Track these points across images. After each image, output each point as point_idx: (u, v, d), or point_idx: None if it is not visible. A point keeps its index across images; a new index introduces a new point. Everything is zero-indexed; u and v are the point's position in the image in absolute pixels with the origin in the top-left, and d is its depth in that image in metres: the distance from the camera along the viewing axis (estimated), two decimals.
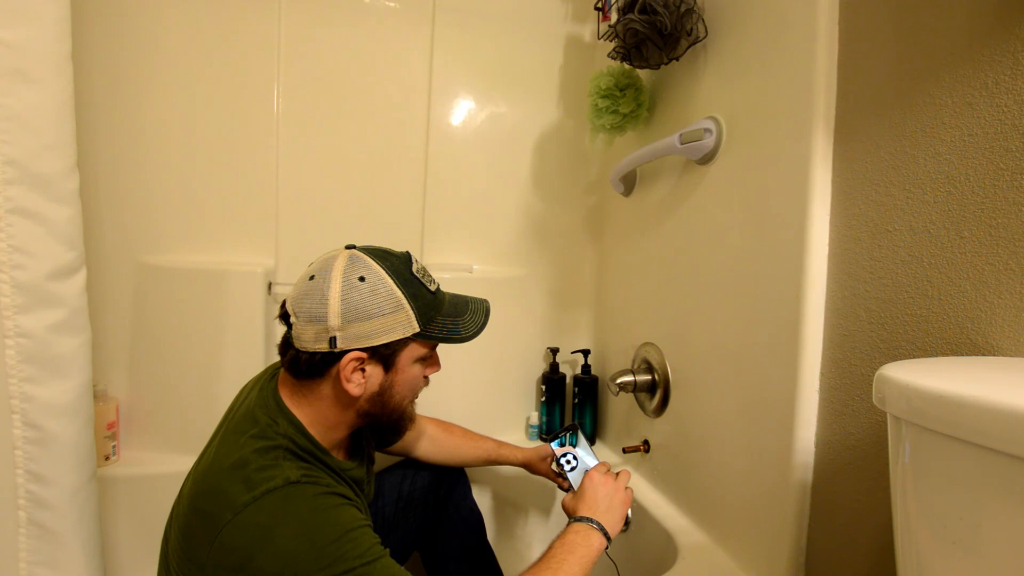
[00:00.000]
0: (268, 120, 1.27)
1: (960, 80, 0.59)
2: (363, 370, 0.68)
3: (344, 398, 0.69)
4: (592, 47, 1.45)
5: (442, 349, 0.77)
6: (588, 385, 1.43)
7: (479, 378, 1.40)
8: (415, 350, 0.72)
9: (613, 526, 0.76)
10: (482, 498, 1.27)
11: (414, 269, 0.72)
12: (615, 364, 1.37)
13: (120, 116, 1.18)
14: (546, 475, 1.08)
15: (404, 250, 0.75)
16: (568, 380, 1.47)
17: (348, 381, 0.67)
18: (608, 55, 1.13)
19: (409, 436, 1.02)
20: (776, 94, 0.82)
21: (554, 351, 1.44)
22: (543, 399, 1.42)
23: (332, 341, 0.66)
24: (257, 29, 1.25)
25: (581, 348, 1.44)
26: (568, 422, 1.46)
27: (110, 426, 1.16)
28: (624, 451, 1.22)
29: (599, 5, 1.21)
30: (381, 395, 0.71)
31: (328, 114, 1.31)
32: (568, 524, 0.77)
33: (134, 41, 1.18)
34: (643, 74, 1.19)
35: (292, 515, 0.59)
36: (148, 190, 1.21)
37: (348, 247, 0.72)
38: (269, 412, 0.69)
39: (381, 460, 1.22)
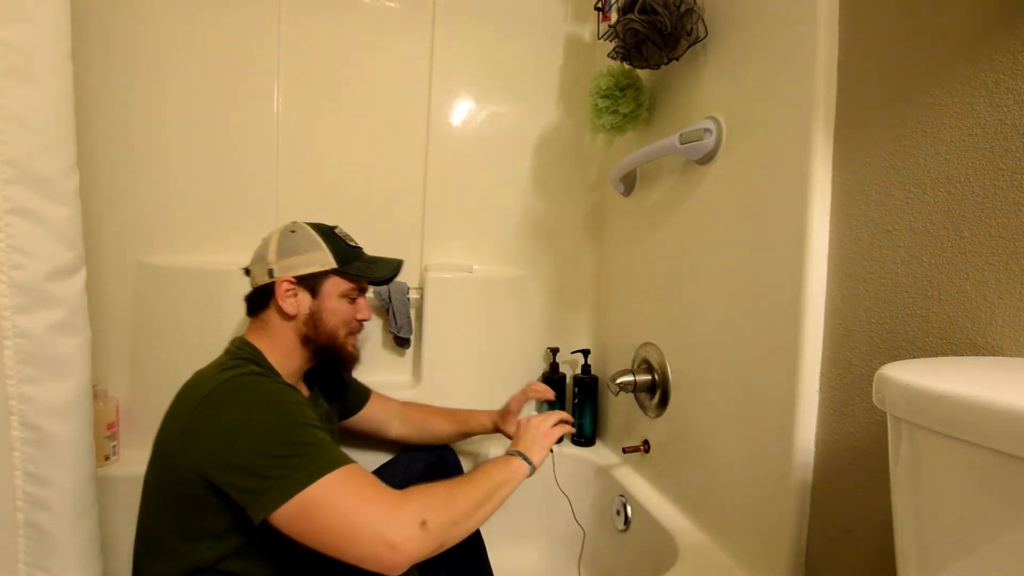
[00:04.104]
0: (268, 120, 1.27)
1: (960, 80, 0.59)
2: (295, 295, 0.87)
3: (285, 320, 0.87)
4: (592, 47, 1.45)
5: (446, 348, 0.76)
6: (588, 385, 1.42)
7: (480, 378, 1.40)
8: (337, 284, 0.90)
9: (535, 454, 0.90)
10: None
11: (337, 231, 0.95)
12: (615, 364, 1.37)
13: (120, 116, 1.18)
14: (510, 436, 1.11)
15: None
16: (568, 380, 1.47)
17: (283, 301, 0.86)
18: (608, 55, 1.12)
19: (381, 415, 1.14)
20: (776, 94, 0.82)
21: (554, 351, 1.44)
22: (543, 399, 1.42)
23: (270, 272, 0.87)
24: (257, 29, 1.25)
25: (581, 348, 1.44)
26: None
27: (110, 426, 1.15)
28: (624, 451, 1.22)
29: (599, 5, 1.21)
30: (312, 318, 0.88)
31: (328, 114, 1.31)
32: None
33: (134, 40, 1.18)
34: (643, 74, 1.19)
35: (254, 394, 0.74)
36: (148, 190, 1.21)
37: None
38: (236, 345, 0.87)
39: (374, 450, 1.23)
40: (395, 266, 0.99)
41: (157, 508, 0.76)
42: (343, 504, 0.66)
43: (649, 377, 1.15)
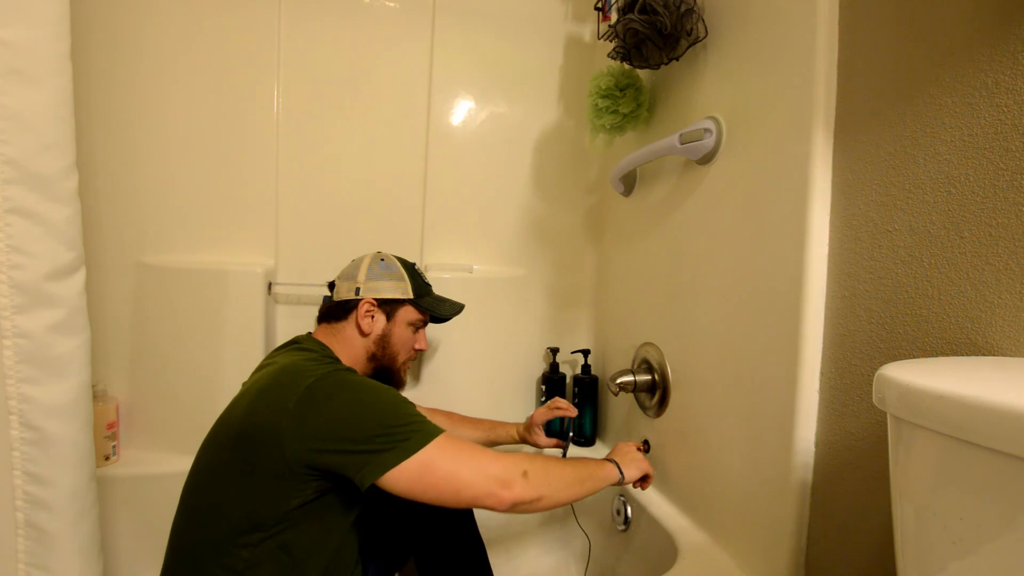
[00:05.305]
0: (268, 120, 1.27)
1: (960, 80, 0.59)
2: (372, 316, 0.98)
3: (359, 334, 0.97)
4: (592, 47, 1.45)
5: (446, 349, 0.77)
6: (588, 385, 1.42)
7: (480, 378, 1.40)
8: (409, 313, 1.02)
9: (628, 470, 0.94)
10: None
11: (416, 267, 1.06)
12: (615, 364, 1.37)
13: (120, 116, 1.18)
14: (537, 444, 1.18)
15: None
16: (568, 380, 1.47)
17: (362, 319, 0.96)
18: (608, 55, 1.12)
19: None
20: (776, 94, 0.82)
21: (554, 351, 1.44)
22: (543, 399, 1.42)
23: (357, 291, 0.98)
24: (257, 29, 1.25)
25: (581, 348, 1.44)
26: (567, 423, 1.46)
27: (110, 426, 1.16)
28: None
29: (599, 5, 1.21)
30: (383, 339, 0.99)
31: (328, 114, 1.31)
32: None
33: (134, 40, 1.18)
34: (643, 74, 1.19)
35: (359, 381, 0.80)
36: (148, 190, 1.21)
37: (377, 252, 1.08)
38: (314, 345, 0.91)
39: None
40: (459, 308, 1.11)
41: (232, 481, 0.76)
42: (454, 458, 0.74)
43: (649, 377, 1.15)
